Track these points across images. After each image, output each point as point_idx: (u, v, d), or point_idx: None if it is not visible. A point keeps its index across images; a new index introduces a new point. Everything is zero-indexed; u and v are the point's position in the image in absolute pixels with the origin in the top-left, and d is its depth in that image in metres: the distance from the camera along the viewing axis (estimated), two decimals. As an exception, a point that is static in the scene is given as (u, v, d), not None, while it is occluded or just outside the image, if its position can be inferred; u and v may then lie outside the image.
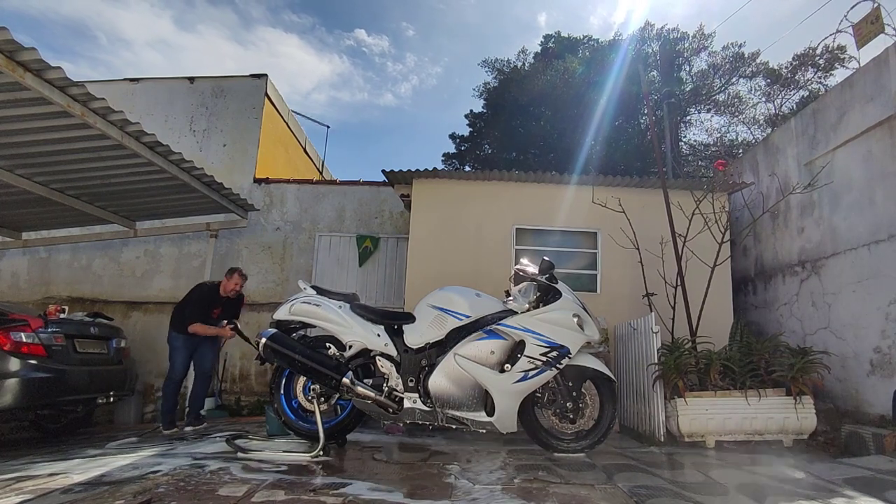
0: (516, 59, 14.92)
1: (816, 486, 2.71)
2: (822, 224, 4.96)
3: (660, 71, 12.79)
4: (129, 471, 2.83)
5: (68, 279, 7.50)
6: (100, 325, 5.12)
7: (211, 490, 2.41)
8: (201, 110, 8.00)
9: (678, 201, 5.05)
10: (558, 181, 5.69)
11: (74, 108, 3.94)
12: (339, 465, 3.10)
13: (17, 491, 2.41)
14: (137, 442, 4.24)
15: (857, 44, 4.85)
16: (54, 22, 64.53)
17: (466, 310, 3.46)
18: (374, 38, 47.77)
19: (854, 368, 4.41)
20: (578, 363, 3.46)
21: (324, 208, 7.56)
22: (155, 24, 74.48)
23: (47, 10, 68.60)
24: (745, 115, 12.79)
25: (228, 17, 68.83)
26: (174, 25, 72.00)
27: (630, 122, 12.98)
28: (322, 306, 3.52)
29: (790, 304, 5.31)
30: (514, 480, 2.74)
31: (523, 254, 5.20)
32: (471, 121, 15.16)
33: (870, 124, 4.37)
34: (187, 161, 5.25)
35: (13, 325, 4.17)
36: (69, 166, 5.08)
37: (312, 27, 54.54)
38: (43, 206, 6.01)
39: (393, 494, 2.41)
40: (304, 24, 54.88)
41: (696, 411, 3.88)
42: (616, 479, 2.80)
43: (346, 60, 55.40)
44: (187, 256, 7.47)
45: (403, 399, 3.37)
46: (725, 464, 3.31)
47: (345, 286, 6.90)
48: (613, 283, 5.51)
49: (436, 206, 5.67)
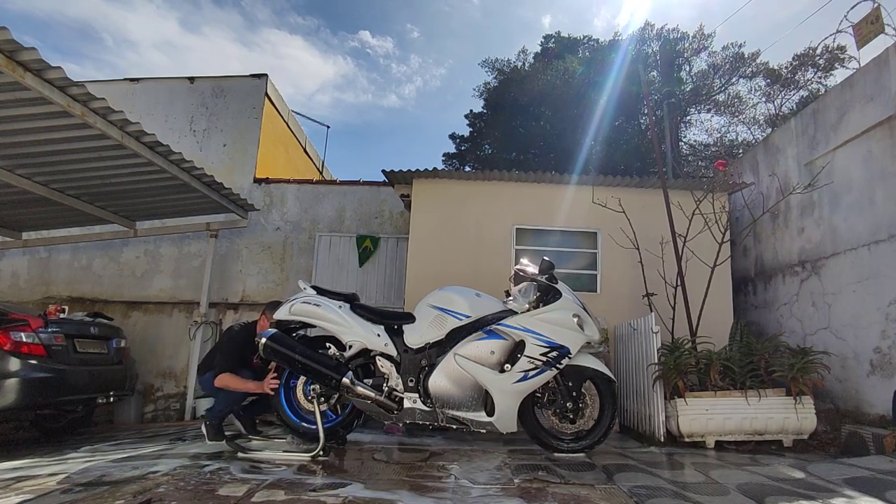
0: (516, 59, 14.93)
1: (816, 486, 2.70)
2: (822, 224, 4.96)
3: (660, 71, 12.79)
4: (129, 471, 2.83)
5: (68, 279, 7.50)
6: (100, 325, 5.12)
7: (211, 490, 2.41)
8: (201, 110, 8.00)
9: (678, 201, 5.05)
10: (558, 181, 5.69)
11: (74, 108, 3.94)
12: (339, 465, 3.10)
13: (17, 491, 2.41)
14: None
15: (857, 44, 4.85)
16: (61, 24, 64.99)
17: (466, 310, 3.46)
18: (378, 39, 47.92)
19: (854, 368, 4.41)
20: (578, 363, 3.46)
21: (324, 208, 7.56)
22: (161, 25, 74.76)
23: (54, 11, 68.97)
24: (745, 115, 12.80)
25: (234, 19, 69.14)
26: (180, 27, 72.29)
27: (630, 122, 12.98)
28: (322, 306, 3.52)
29: (790, 305, 5.31)
30: (514, 480, 2.74)
31: (523, 254, 5.20)
32: (471, 121, 15.16)
33: (870, 124, 4.37)
34: (187, 161, 5.25)
35: (13, 324, 4.17)
36: (69, 166, 5.08)
37: (317, 29, 54.71)
38: (43, 206, 6.01)
39: (393, 494, 2.41)
40: (308, 26, 55.06)
41: (696, 411, 3.88)
42: (616, 479, 2.80)
43: (351, 62, 55.55)
44: (187, 256, 7.47)
45: (403, 399, 3.37)
46: (725, 464, 3.31)
47: (345, 286, 6.90)
48: (613, 283, 5.51)
49: (436, 206, 5.67)
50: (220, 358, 3.74)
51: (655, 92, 11.73)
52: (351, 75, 58.46)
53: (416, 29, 54.83)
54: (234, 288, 7.34)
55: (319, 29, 54.47)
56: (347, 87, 59.82)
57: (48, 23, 64.25)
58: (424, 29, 55.74)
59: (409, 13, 56.19)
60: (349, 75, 58.83)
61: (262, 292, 7.30)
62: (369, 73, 56.18)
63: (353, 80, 59.02)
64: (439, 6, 53.20)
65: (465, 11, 51.09)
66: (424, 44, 54.09)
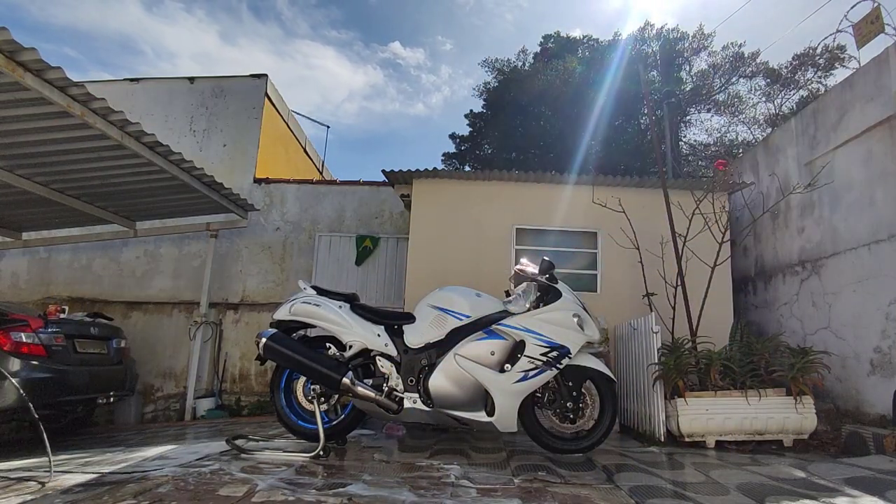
0: (516, 58, 14.92)
1: (817, 485, 2.70)
2: (822, 224, 4.96)
3: (660, 71, 12.79)
4: (129, 471, 2.83)
5: (68, 279, 7.50)
6: (100, 325, 5.12)
7: (211, 490, 2.41)
8: (201, 110, 8.00)
9: (678, 201, 5.05)
10: (558, 181, 5.69)
11: (74, 109, 3.94)
12: (340, 465, 3.10)
13: (17, 491, 2.41)
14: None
15: (857, 44, 4.85)
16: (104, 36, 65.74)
17: (466, 310, 3.46)
18: (410, 50, 48.19)
19: (854, 368, 4.41)
20: (579, 363, 3.46)
21: (324, 208, 7.56)
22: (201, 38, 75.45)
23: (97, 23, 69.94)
24: (745, 115, 12.79)
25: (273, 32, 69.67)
26: (220, 39, 72.86)
27: (630, 121, 12.97)
28: (322, 306, 3.52)
29: (790, 304, 5.31)
30: (514, 480, 2.74)
31: (523, 254, 5.19)
32: (471, 121, 15.14)
33: (870, 124, 4.37)
34: (187, 161, 5.25)
35: (13, 325, 4.17)
36: (69, 166, 5.09)
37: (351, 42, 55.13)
38: (43, 206, 6.01)
39: (393, 494, 2.41)
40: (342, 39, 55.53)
41: (696, 411, 3.88)
42: (616, 478, 2.80)
43: (380, 72, 55.84)
44: (187, 256, 7.47)
45: (403, 399, 3.37)
46: (726, 463, 3.31)
47: (345, 286, 6.90)
48: (613, 283, 5.51)
49: (436, 206, 5.67)
50: None
51: (655, 92, 11.72)
52: (380, 85, 58.77)
53: (448, 41, 55.12)
54: (234, 288, 7.34)
55: (353, 41, 54.95)
56: (376, 96, 60.18)
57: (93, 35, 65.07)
58: (457, 41, 56.19)
59: (442, 26, 56.57)
60: (378, 85, 59.14)
61: (262, 292, 7.30)
62: (399, 83, 56.50)
63: (381, 90, 59.32)
64: (473, 20, 53.62)
65: (497, 25, 51.51)
66: (456, 55, 54.56)
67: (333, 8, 52.29)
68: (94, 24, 70.83)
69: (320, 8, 54.08)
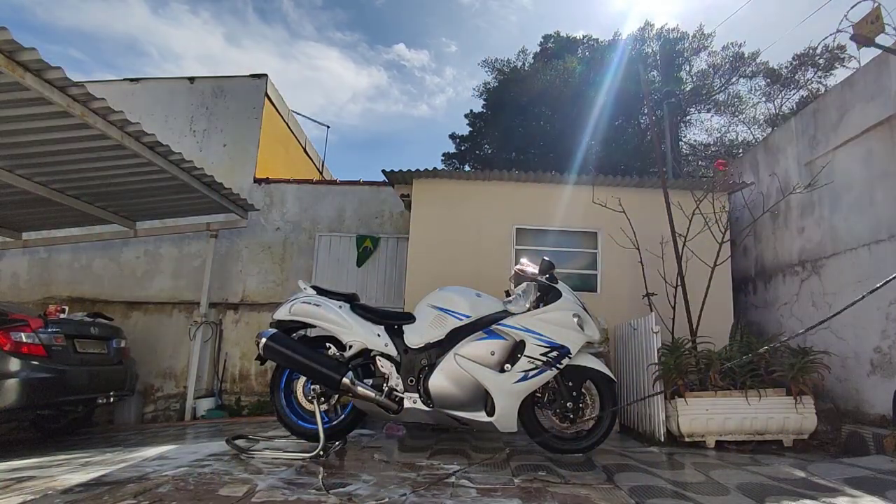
0: (516, 58, 14.93)
1: (817, 485, 2.70)
2: (822, 224, 4.96)
3: (660, 71, 12.79)
4: (129, 471, 2.83)
5: (68, 279, 7.50)
6: (100, 325, 5.12)
7: (211, 490, 2.41)
8: (201, 110, 8.00)
9: (678, 201, 5.05)
10: (558, 181, 5.69)
11: (74, 109, 3.94)
12: (340, 465, 3.10)
13: (17, 491, 2.41)
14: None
15: (858, 45, 4.84)
16: (110, 38, 65.90)
17: (467, 310, 3.46)
18: (414, 52, 48.25)
19: (854, 368, 4.41)
20: (579, 363, 3.46)
21: (324, 208, 7.56)
22: (206, 40, 75.51)
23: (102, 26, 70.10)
24: (745, 115, 12.81)
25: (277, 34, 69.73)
26: (225, 41, 72.97)
27: (630, 121, 12.98)
28: (322, 306, 3.52)
29: (790, 304, 5.31)
30: (514, 480, 2.74)
31: (523, 254, 5.19)
32: (471, 121, 15.15)
33: (870, 124, 4.37)
34: (187, 161, 5.25)
35: (13, 325, 4.17)
36: (69, 166, 5.09)
37: (356, 43, 55.18)
38: (43, 206, 6.01)
39: (393, 494, 2.41)
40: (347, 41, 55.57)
41: (696, 411, 3.88)
42: (616, 478, 2.80)
43: (384, 73, 55.90)
44: (187, 256, 7.47)
45: (403, 399, 3.37)
46: (726, 463, 3.31)
47: (345, 286, 6.90)
48: (613, 283, 5.51)
49: (436, 206, 5.67)
50: None
51: (655, 91, 11.73)
52: (384, 86, 58.82)
53: (452, 43, 55.19)
54: (234, 288, 7.34)
55: (358, 43, 55.00)
56: (380, 97, 60.25)
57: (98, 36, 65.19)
58: (461, 43, 56.34)
59: (447, 28, 56.69)
60: (382, 86, 59.20)
61: (263, 292, 7.30)
62: (403, 84, 56.57)
63: (385, 92, 59.39)
64: (478, 22, 53.78)
65: (501, 27, 51.66)
66: (461, 57, 54.68)
67: (339, 10, 52.48)
68: (99, 25, 71.07)
69: (326, 10, 54.26)
